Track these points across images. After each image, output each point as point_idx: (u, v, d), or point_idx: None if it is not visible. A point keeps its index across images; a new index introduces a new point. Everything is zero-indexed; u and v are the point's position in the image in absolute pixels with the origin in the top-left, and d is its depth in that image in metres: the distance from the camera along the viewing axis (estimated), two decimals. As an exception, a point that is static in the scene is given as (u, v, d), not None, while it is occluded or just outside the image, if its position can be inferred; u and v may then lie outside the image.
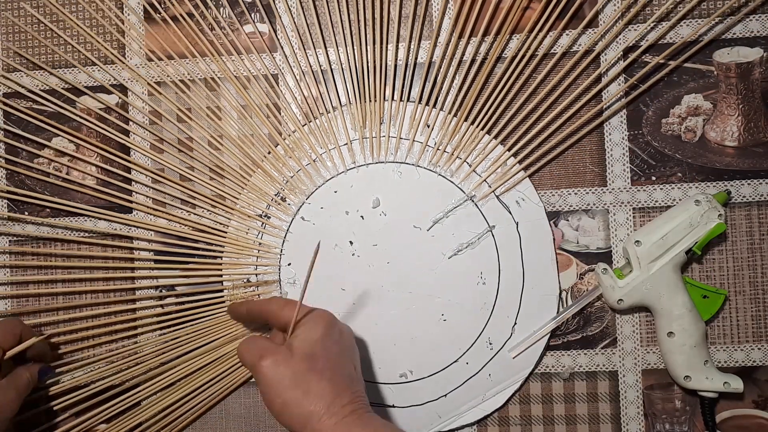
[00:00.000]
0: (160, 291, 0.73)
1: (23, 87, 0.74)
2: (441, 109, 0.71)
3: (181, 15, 0.73)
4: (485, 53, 0.71)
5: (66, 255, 0.73)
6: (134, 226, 0.73)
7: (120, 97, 0.73)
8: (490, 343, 0.70)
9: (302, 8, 0.72)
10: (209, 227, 0.72)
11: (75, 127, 0.73)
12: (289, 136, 0.72)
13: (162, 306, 0.73)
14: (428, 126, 0.71)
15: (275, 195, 0.72)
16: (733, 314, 0.70)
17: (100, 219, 0.73)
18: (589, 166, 0.71)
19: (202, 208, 0.72)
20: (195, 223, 0.72)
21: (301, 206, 0.72)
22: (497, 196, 0.71)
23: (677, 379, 0.66)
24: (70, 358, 0.72)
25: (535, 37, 0.70)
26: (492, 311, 0.70)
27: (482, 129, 0.71)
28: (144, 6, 0.73)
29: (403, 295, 0.70)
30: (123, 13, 0.74)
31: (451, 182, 0.71)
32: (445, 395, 0.70)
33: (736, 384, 0.65)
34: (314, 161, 0.72)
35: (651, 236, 0.65)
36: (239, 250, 0.72)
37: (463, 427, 0.71)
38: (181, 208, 0.73)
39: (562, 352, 0.71)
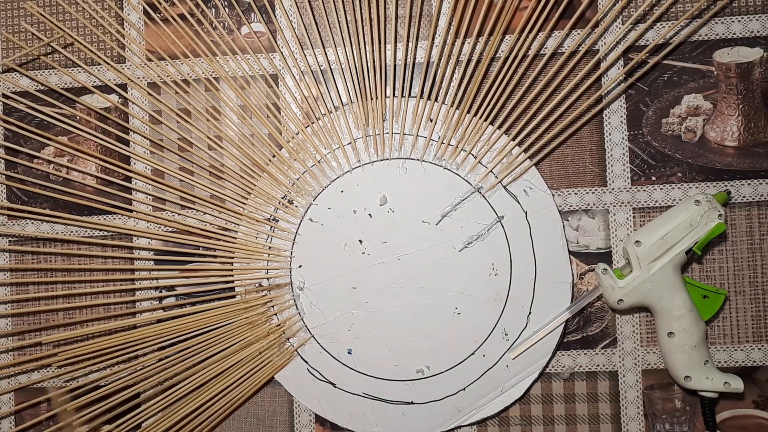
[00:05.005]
0: (177, 299, 0.73)
1: (50, 85, 0.74)
2: (443, 102, 0.71)
3: (179, 15, 0.73)
4: (482, 50, 0.71)
5: (66, 254, 0.73)
6: (140, 236, 0.73)
7: (122, 96, 0.73)
8: (506, 334, 0.70)
9: (299, 10, 0.72)
10: (219, 233, 0.72)
11: (75, 126, 0.73)
12: (293, 138, 0.72)
13: (166, 312, 0.73)
14: (431, 120, 0.71)
15: (282, 198, 0.72)
16: (733, 314, 0.70)
17: (99, 229, 0.73)
18: (589, 166, 0.71)
19: (211, 214, 0.72)
20: (205, 230, 0.72)
21: (308, 208, 0.72)
22: (504, 186, 0.71)
23: (677, 379, 0.66)
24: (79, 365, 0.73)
25: (532, 31, 0.70)
26: (506, 302, 0.70)
27: (485, 120, 0.71)
28: (144, 6, 0.73)
29: (415, 291, 0.71)
30: (123, 7, 0.74)
31: (457, 175, 0.71)
32: (464, 389, 0.70)
33: (737, 384, 0.65)
34: (319, 162, 0.72)
35: (651, 236, 0.65)
36: (249, 255, 0.72)
37: (480, 421, 0.71)
38: (192, 217, 0.73)
39: (562, 352, 0.71)
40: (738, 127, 0.70)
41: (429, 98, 0.71)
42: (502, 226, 0.70)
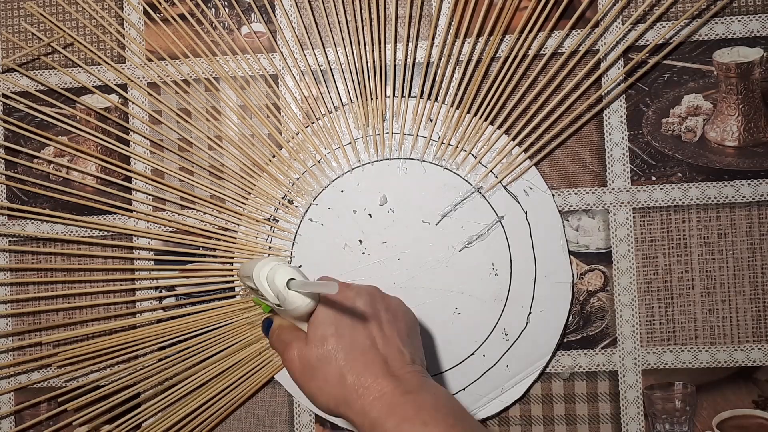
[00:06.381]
0: (178, 299, 0.73)
1: (47, 85, 0.74)
2: (443, 102, 0.71)
3: (179, 15, 0.73)
4: (482, 50, 0.71)
5: (66, 254, 0.73)
6: (140, 236, 0.73)
7: (122, 96, 0.73)
8: (506, 334, 0.70)
9: (299, 10, 0.72)
10: (219, 233, 0.72)
11: (75, 126, 0.73)
12: (293, 138, 0.72)
13: (166, 312, 0.73)
14: (431, 120, 0.71)
15: (282, 198, 0.72)
16: (733, 314, 0.70)
17: (99, 229, 0.73)
18: (589, 166, 0.71)
19: (211, 214, 0.72)
20: (204, 230, 0.72)
21: (308, 208, 0.72)
22: (504, 186, 0.71)
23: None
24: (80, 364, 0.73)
25: (532, 31, 0.71)
26: (506, 302, 0.70)
27: (485, 120, 0.71)
28: (144, 6, 0.73)
29: (415, 291, 0.71)
30: (122, 7, 0.74)
31: (457, 175, 0.71)
32: (464, 389, 0.70)
33: None
34: (319, 162, 0.72)
35: None
36: (249, 255, 0.72)
37: (480, 421, 0.71)
38: (193, 217, 0.73)
39: (562, 352, 0.71)
40: (738, 127, 0.70)
41: (429, 98, 0.71)
42: (502, 226, 0.70)
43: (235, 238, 0.72)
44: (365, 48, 0.71)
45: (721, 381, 0.70)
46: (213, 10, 0.73)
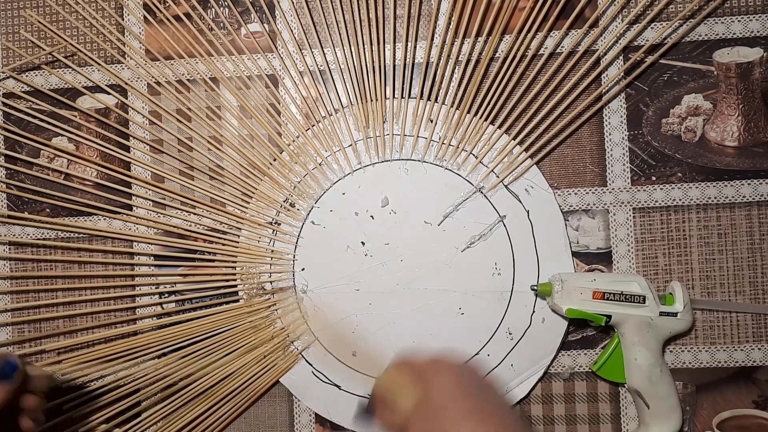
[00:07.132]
0: (181, 305, 0.73)
1: (29, 86, 0.73)
2: (443, 102, 0.71)
3: (179, 16, 0.72)
4: (481, 49, 0.71)
5: (66, 261, 0.73)
6: (142, 241, 0.73)
7: (123, 102, 0.73)
8: (510, 333, 0.70)
9: (296, 12, 0.72)
10: (221, 237, 0.72)
11: (75, 126, 0.73)
12: (293, 141, 0.71)
13: (169, 317, 0.73)
14: (431, 121, 0.71)
15: (284, 201, 0.72)
16: (733, 314, 0.70)
17: (103, 216, 0.73)
18: (589, 166, 0.71)
19: (213, 218, 0.72)
20: (207, 234, 0.72)
21: (310, 211, 0.71)
22: (506, 186, 0.71)
23: None
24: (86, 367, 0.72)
25: (530, 30, 0.70)
26: (509, 301, 0.70)
27: (485, 120, 0.71)
28: (144, 15, 0.72)
29: (418, 292, 0.71)
30: (123, 14, 0.73)
31: (459, 175, 0.71)
32: None
33: None
34: (320, 165, 0.71)
35: None
36: (252, 258, 0.72)
37: None
38: (195, 222, 0.73)
39: (562, 352, 0.71)
40: (738, 127, 0.70)
41: (429, 99, 0.71)
42: (504, 225, 0.70)
43: (238, 242, 0.72)
44: (364, 48, 0.71)
45: (721, 381, 0.70)
46: (216, 9, 0.72)
